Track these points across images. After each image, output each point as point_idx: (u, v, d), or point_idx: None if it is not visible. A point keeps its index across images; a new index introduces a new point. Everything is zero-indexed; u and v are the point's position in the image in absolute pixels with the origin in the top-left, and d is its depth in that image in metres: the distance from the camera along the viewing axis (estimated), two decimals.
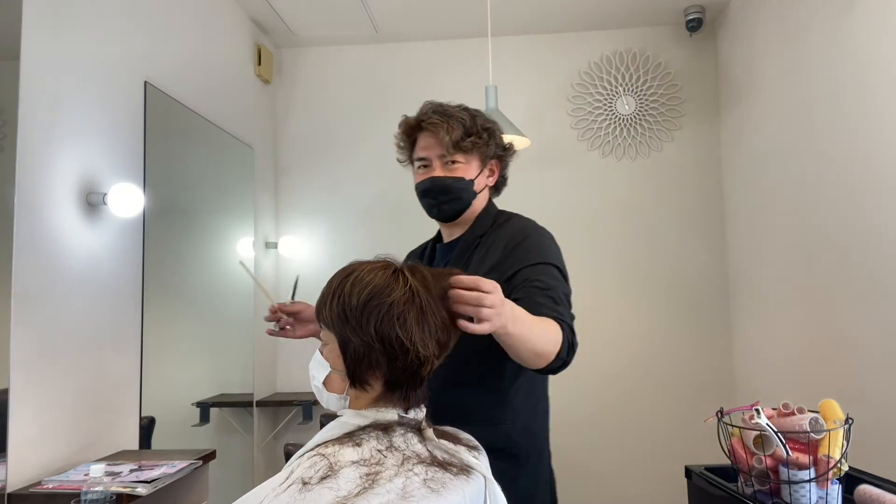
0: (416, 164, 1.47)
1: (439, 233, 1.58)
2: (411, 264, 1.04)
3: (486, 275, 1.11)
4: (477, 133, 1.43)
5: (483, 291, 1.00)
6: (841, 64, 2.29)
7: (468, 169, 1.44)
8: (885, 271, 2.07)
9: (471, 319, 1.02)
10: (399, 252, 1.27)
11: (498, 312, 1.02)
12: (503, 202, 1.54)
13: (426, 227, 1.61)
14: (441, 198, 1.43)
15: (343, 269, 1.04)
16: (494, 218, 1.48)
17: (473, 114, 1.45)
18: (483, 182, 1.47)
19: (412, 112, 1.47)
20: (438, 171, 1.42)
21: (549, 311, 1.22)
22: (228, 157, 3.10)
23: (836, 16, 2.31)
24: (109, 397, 2.12)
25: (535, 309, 1.19)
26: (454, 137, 1.40)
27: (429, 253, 1.54)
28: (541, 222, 1.45)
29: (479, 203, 1.47)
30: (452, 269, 1.05)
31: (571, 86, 3.57)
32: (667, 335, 3.43)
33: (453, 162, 1.42)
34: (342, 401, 1.01)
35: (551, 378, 1.37)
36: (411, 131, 1.47)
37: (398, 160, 1.55)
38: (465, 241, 1.46)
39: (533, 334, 1.13)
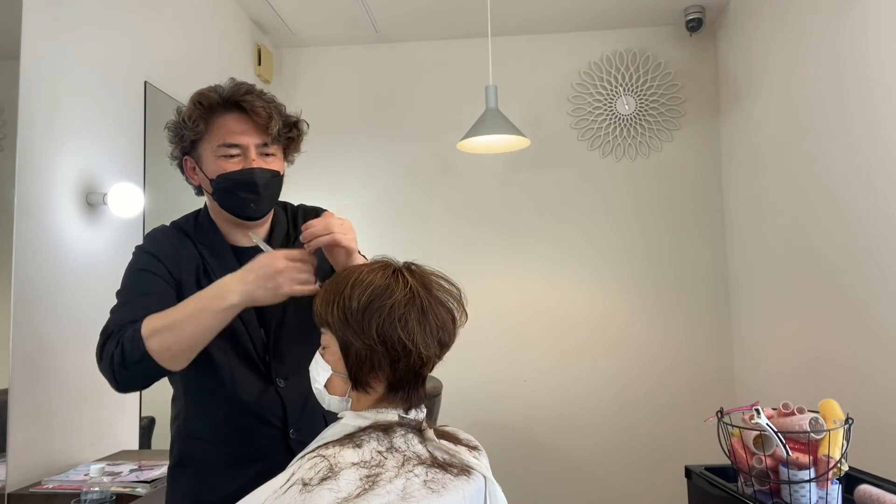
0: (220, 150, 1.24)
1: (215, 239, 1.32)
2: (410, 263, 1.03)
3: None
4: (293, 126, 1.31)
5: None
6: (841, 63, 2.29)
7: (280, 164, 1.31)
8: (886, 271, 2.06)
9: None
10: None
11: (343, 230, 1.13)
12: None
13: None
14: (265, 192, 1.26)
15: (341, 271, 1.03)
16: (285, 208, 1.41)
17: (280, 104, 1.30)
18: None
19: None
20: (259, 163, 1.25)
21: None
22: None
23: (836, 15, 2.31)
24: (109, 397, 2.11)
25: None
26: (277, 126, 1.26)
27: (217, 262, 1.29)
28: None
29: None
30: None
31: (571, 86, 3.57)
32: (666, 335, 3.43)
33: (270, 154, 1.28)
34: (344, 402, 1.01)
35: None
36: (215, 109, 1.25)
37: (170, 155, 1.31)
38: (284, 237, 1.35)
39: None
